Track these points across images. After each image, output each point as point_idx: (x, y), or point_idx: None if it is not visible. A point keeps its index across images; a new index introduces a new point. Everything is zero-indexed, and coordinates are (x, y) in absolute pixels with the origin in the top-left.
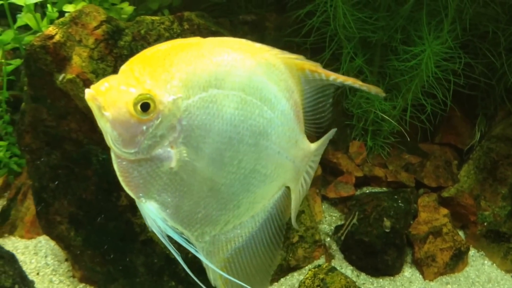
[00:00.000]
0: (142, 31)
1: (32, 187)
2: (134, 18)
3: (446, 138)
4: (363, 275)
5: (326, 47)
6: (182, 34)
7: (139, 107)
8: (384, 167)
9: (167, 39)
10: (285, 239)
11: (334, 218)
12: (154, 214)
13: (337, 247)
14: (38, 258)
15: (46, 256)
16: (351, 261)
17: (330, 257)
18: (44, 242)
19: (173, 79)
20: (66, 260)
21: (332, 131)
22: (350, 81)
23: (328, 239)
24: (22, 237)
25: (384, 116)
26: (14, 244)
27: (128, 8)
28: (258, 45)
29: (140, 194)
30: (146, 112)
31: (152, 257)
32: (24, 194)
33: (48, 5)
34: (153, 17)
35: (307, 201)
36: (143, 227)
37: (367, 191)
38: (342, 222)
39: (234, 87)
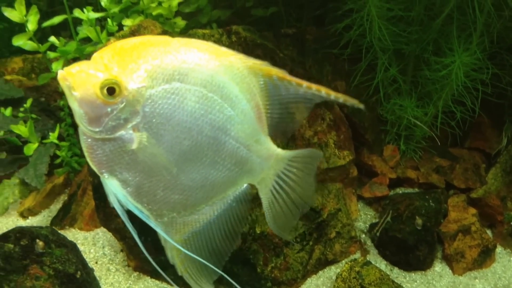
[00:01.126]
0: None
1: (92, 183)
2: (186, 31)
3: (474, 143)
4: (396, 269)
5: (362, 58)
6: (230, 46)
7: (105, 90)
8: (416, 169)
9: None
10: (323, 234)
11: (369, 216)
12: (116, 189)
13: (372, 243)
14: (96, 249)
15: (103, 247)
16: (384, 256)
17: (365, 252)
18: (102, 234)
19: (139, 69)
20: (121, 250)
21: (317, 152)
22: (323, 91)
23: (363, 235)
24: (81, 229)
25: (417, 122)
26: (74, 236)
27: (180, 22)
28: (224, 49)
29: (103, 171)
30: (112, 95)
31: None
32: (83, 190)
33: (108, 19)
34: (204, 30)
35: (343, 200)
36: None
37: (400, 192)
38: (377, 220)
39: (196, 83)
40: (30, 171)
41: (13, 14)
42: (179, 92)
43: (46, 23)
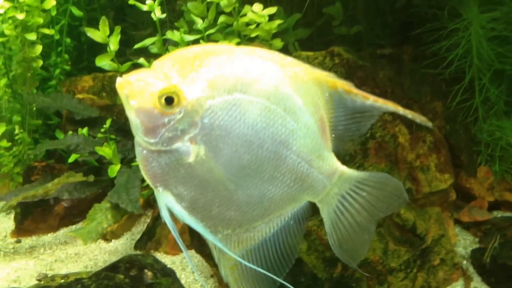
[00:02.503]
0: None
1: None
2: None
3: None
4: None
5: (460, 78)
6: (333, 68)
7: (163, 100)
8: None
9: None
10: (426, 261)
11: (468, 241)
12: (171, 203)
13: (474, 269)
14: (186, 274)
15: (193, 272)
16: (489, 284)
17: (468, 279)
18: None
19: (200, 78)
20: (212, 276)
21: (392, 180)
22: (390, 105)
23: (465, 261)
24: (167, 253)
25: None
26: (161, 260)
27: (278, 44)
28: (289, 59)
29: (157, 184)
30: (170, 105)
31: (300, 276)
32: None
33: (201, 41)
34: (308, 53)
35: (443, 225)
36: None
37: (498, 215)
38: (477, 246)
39: (259, 94)
40: (123, 195)
41: (96, 35)
42: (241, 103)
43: (138, 45)
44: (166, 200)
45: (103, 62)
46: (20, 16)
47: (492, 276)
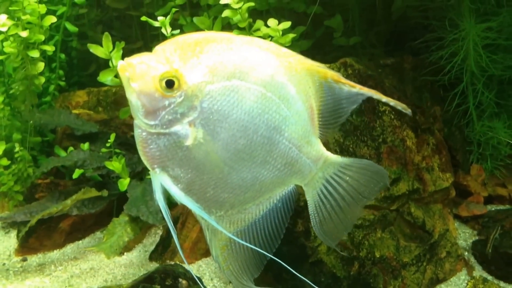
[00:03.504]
0: None
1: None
2: None
3: None
4: (502, 283)
5: (455, 85)
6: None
7: (164, 83)
8: (503, 186)
9: None
10: (434, 254)
11: (467, 234)
12: (168, 184)
13: (475, 259)
14: (205, 281)
15: (211, 279)
16: (490, 271)
17: (471, 268)
18: (205, 266)
19: (201, 64)
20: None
21: (376, 167)
22: (373, 92)
23: (466, 253)
24: (182, 262)
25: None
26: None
27: None
28: (284, 50)
29: (155, 166)
30: (170, 89)
31: (319, 276)
32: (182, 223)
33: None
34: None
35: (446, 220)
36: (314, 249)
37: (493, 209)
38: (477, 238)
39: (256, 82)
40: (142, 208)
41: (99, 51)
42: (238, 90)
43: None
44: (163, 182)
45: (107, 77)
46: (24, 33)
47: (492, 264)
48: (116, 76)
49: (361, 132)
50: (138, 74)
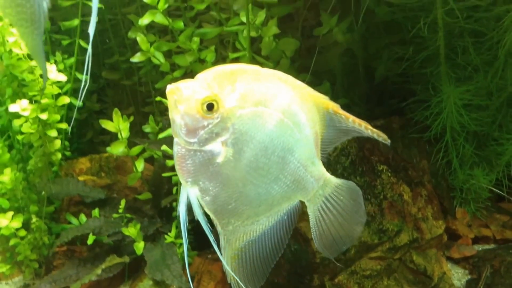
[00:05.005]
0: None
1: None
2: None
3: None
4: None
5: (444, 138)
6: (348, 143)
7: (205, 106)
8: (486, 227)
9: None
10: None
11: (460, 274)
12: (193, 199)
13: None
14: None
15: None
16: None
17: None
18: None
19: (235, 91)
20: None
21: (355, 188)
22: (363, 125)
23: None
24: None
25: (492, 188)
26: None
27: None
28: (298, 82)
29: (189, 179)
30: (210, 111)
31: None
32: (198, 281)
33: None
34: None
35: (441, 262)
36: None
37: (479, 249)
38: (469, 277)
39: (277, 109)
40: (166, 272)
41: (109, 125)
42: (263, 115)
43: (163, 134)
44: (190, 195)
45: (119, 149)
46: (44, 116)
47: None
48: (126, 146)
49: (364, 191)
50: (184, 97)
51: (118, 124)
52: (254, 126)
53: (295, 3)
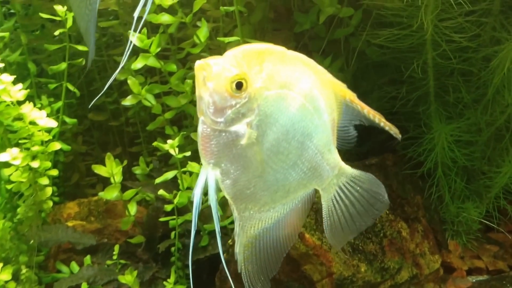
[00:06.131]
0: None
1: None
2: None
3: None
4: None
5: (435, 173)
6: None
7: (234, 85)
8: (478, 258)
9: None
10: None
11: None
12: (212, 181)
13: None
14: None
15: None
16: None
17: None
18: None
19: (262, 71)
20: None
21: (378, 183)
22: (377, 117)
23: None
24: None
25: (484, 221)
26: None
27: None
28: (319, 67)
29: (212, 160)
30: (239, 90)
31: None
32: None
33: None
34: None
35: None
36: None
37: (473, 280)
38: None
39: (300, 93)
40: None
41: (102, 170)
42: (287, 98)
43: (160, 179)
44: (209, 177)
45: (112, 195)
46: (35, 164)
47: None
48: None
49: (366, 230)
50: (214, 74)
51: (111, 169)
52: (278, 109)
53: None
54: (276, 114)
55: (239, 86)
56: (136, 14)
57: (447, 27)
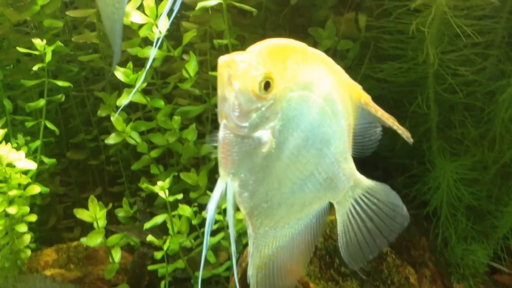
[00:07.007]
0: None
1: None
2: None
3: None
4: None
5: (444, 213)
6: None
7: (262, 85)
8: None
9: None
10: None
11: None
12: (231, 195)
13: None
14: None
15: None
16: None
17: None
18: None
19: (286, 70)
20: None
21: (394, 193)
22: (391, 120)
23: None
24: None
25: (493, 264)
26: None
27: None
28: (337, 66)
29: (232, 171)
30: (266, 91)
31: None
32: None
33: None
34: None
35: None
36: None
37: None
38: None
39: (320, 95)
40: None
41: (85, 214)
42: (308, 100)
43: (149, 224)
44: (231, 188)
45: (96, 241)
46: (12, 210)
47: None
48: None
49: (373, 277)
50: (240, 72)
51: (94, 213)
52: (300, 112)
53: None
54: (298, 119)
55: (266, 86)
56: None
57: (451, 59)
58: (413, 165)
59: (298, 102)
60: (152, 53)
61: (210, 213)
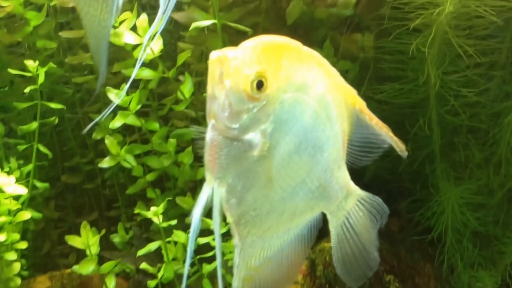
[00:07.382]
0: None
1: None
2: None
3: None
4: None
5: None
6: None
7: (255, 84)
8: None
9: None
10: None
11: None
12: (217, 201)
13: None
14: None
15: None
16: None
17: None
18: None
19: (281, 70)
20: None
21: (384, 206)
22: (384, 130)
23: None
24: None
25: None
26: None
27: None
28: (333, 68)
29: (219, 175)
30: (259, 90)
31: None
32: None
33: None
34: None
35: None
36: None
37: None
38: None
39: (314, 97)
40: None
41: (77, 241)
42: (302, 102)
43: (142, 251)
44: (218, 194)
45: (88, 269)
46: (1, 237)
47: None
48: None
49: None
50: (232, 70)
51: (87, 239)
52: (293, 115)
53: None
54: (291, 122)
55: (259, 86)
56: None
57: (453, 80)
58: (417, 189)
59: (292, 105)
60: (136, 67)
61: (194, 220)
